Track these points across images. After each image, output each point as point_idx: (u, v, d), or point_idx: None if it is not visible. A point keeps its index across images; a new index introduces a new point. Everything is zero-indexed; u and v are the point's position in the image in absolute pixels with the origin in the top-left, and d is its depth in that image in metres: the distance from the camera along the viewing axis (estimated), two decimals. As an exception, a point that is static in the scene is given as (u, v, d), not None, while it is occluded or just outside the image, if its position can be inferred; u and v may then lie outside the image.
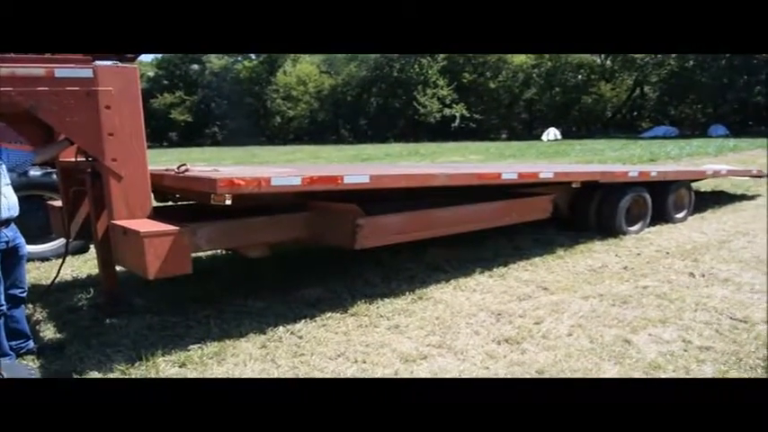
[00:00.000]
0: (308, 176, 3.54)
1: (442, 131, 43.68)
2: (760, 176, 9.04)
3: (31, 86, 3.08)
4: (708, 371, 3.10)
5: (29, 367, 3.18)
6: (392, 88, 48.46)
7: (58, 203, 4.51)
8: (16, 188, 3.20)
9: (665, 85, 43.07)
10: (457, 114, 46.18)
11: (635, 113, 47.29)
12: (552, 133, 38.14)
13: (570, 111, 46.71)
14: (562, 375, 3.04)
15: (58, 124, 3.26)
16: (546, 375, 3.04)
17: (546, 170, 5.34)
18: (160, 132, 51.19)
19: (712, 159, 16.48)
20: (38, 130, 3.54)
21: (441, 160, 19.97)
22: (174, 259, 3.18)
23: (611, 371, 3.11)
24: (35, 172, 5.54)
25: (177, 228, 3.24)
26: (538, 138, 38.68)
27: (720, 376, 3.01)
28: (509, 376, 3.05)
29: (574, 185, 5.92)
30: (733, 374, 3.03)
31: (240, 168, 4.84)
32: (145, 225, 3.27)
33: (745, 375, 3.03)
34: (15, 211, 3.15)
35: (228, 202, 3.27)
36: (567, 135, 38.89)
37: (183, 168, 3.75)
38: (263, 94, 52.20)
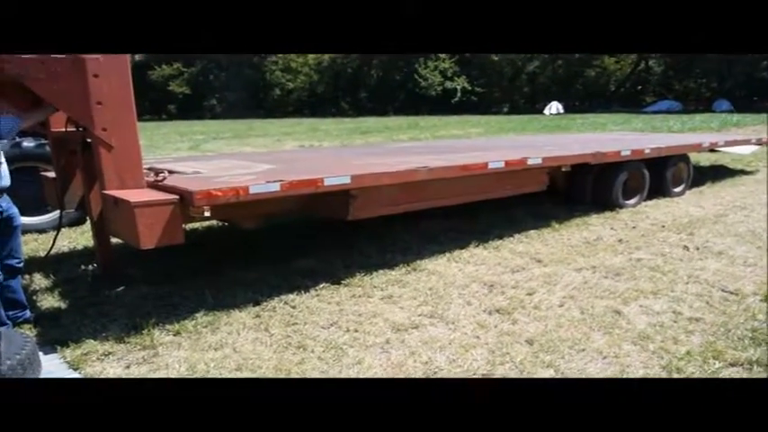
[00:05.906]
0: (288, 182, 3.57)
1: (442, 105, 43.16)
2: (760, 144, 9.00)
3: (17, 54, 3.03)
4: (696, 341, 3.14)
5: (25, 336, 3.21)
6: (393, 61, 47.73)
7: (52, 174, 4.50)
8: (10, 160, 3.18)
9: (670, 59, 42.41)
10: (458, 87, 45.58)
11: (639, 87, 46.61)
12: (555, 107, 37.83)
13: (573, 84, 46.12)
14: (551, 345, 3.07)
15: (45, 93, 3.22)
16: (536, 345, 3.08)
17: (534, 156, 5.28)
18: (159, 105, 50.67)
19: (715, 134, 16.35)
20: (26, 99, 3.49)
21: (441, 134, 19.83)
22: (167, 229, 3.18)
23: (599, 341, 3.14)
24: (28, 143, 5.51)
25: (169, 197, 3.24)
26: (540, 111, 38.35)
27: (708, 347, 3.04)
28: (500, 347, 3.08)
29: (564, 170, 5.87)
30: (720, 345, 3.06)
31: (225, 163, 4.78)
32: (136, 195, 3.26)
33: (732, 346, 3.06)
34: (7, 182, 3.15)
35: (207, 213, 3.28)
36: (569, 109, 38.52)
37: (161, 176, 3.70)
38: (262, 65, 51.47)
